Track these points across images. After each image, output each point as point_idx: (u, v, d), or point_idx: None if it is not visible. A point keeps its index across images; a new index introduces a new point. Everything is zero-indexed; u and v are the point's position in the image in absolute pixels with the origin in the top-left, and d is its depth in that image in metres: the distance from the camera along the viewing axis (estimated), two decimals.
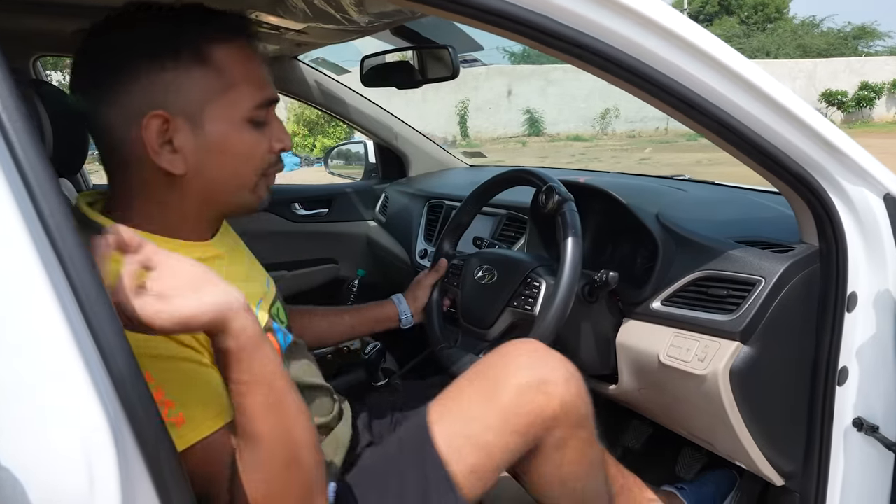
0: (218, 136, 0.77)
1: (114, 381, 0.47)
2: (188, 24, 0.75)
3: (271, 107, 0.83)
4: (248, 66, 0.79)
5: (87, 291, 0.46)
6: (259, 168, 0.82)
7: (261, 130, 0.81)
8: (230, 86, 0.77)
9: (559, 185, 1.09)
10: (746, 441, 1.07)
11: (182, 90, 0.74)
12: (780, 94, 0.88)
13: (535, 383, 0.88)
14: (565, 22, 0.76)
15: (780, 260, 1.02)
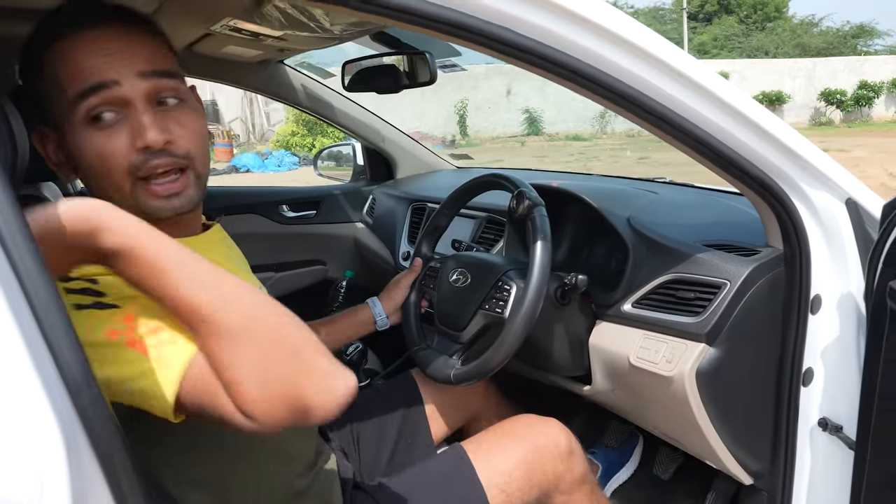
0: (70, 145, 0.75)
1: (69, 390, 0.49)
2: (29, 42, 0.76)
3: (108, 96, 0.72)
4: (68, 61, 0.72)
5: (42, 301, 0.48)
6: (123, 171, 0.73)
7: (111, 131, 0.73)
8: (57, 90, 0.73)
9: (530, 190, 1.11)
10: (714, 441, 1.09)
11: (41, 102, 0.76)
12: (740, 102, 0.90)
13: (554, 449, 1.07)
14: (523, 32, 0.78)
15: (745, 263, 1.04)
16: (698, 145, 0.91)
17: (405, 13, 0.72)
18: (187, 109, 0.79)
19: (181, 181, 0.77)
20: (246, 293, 0.63)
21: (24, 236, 0.49)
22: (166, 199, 0.76)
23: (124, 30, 0.75)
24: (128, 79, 0.73)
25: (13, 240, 0.48)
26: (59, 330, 0.49)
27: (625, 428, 1.60)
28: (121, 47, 0.73)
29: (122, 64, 0.73)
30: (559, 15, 0.79)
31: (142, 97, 0.74)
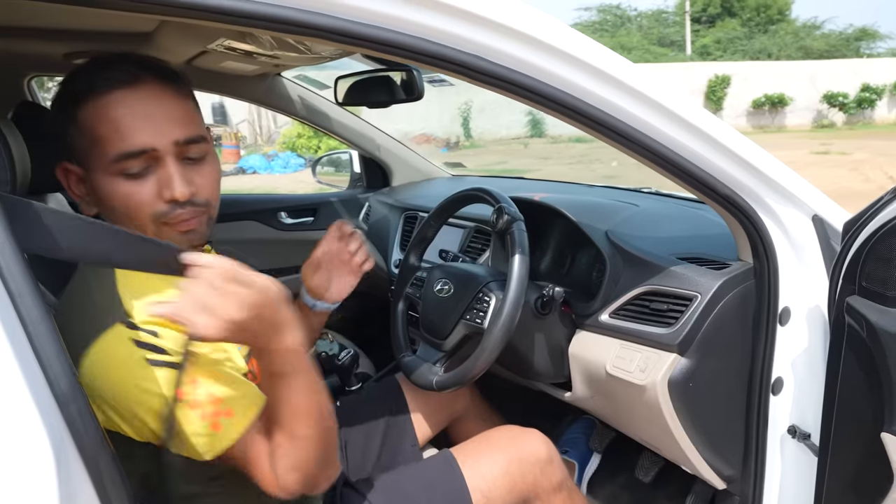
0: (96, 187, 0.81)
1: (58, 401, 0.54)
2: (66, 89, 0.81)
3: (147, 157, 0.79)
4: (109, 120, 0.78)
5: (32, 317, 0.53)
6: (148, 217, 0.81)
7: (141, 181, 0.80)
8: (93, 142, 0.79)
9: (509, 205, 1.15)
10: (687, 447, 1.13)
11: (72, 146, 0.82)
12: (704, 122, 0.94)
13: (534, 459, 1.12)
14: (487, 57, 0.82)
15: (716, 276, 1.08)
16: (665, 163, 0.95)
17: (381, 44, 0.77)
18: (208, 160, 0.86)
19: (197, 221, 0.84)
20: (326, 406, 0.79)
21: (16, 257, 0.54)
22: (184, 234, 0.83)
23: (161, 89, 0.80)
24: (163, 145, 0.79)
25: (5, 260, 0.53)
26: (49, 345, 0.54)
27: (608, 432, 1.64)
28: (159, 113, 0.80)
29: (162, 131, 0.79)
30: (536, 46, 0.83)
31: (173, 156, 0.81)
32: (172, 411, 0.73)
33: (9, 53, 1.57)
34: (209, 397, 0.76)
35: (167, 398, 0.74)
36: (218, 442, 0.76)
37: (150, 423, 0.75)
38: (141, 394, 0.74)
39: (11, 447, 0.52)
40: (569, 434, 1.70)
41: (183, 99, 0.83)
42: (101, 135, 0.78)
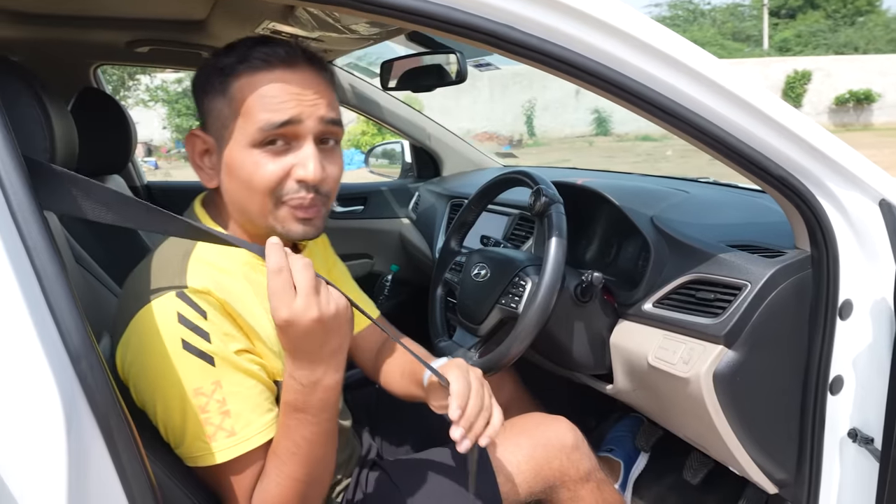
0: (229, 157, 0.83)
1: (70, 356, 0.55)
2: (224, 59, 0.83)
3: (290, 130, 0.81)
4: (261, 93, 0.80)
5: (48, 274, 0.55)
6: (270, 192, 0.81)
7: (276, 156, 0.81)
8: (239, 113, 0.81)
9: (548, 188, 1.11)
10: (735, 447, 1.06)
11: (211, 115, 0.84)
12: (760, 100, 0.87)
13: (559, 445, 1.09)
14: (534, 33, 0.79)
15: (768, 265, 1.01)
16: (714, 142, 0.89)
17: (409, 13, 0.75)
18: (336, 153, 0.88)
19: (317, 210, 0.85)
20: (330, 462, 0.82)
21: (35, 214, 0.56)
22: (302, 222, 0.84)
23: (313, 75, 0.83)
24: (311, 120, 0.82)
25: (26, 222, 0.55)
26: (63, 300, 0.55)
27: (655, 430, 1.57)
28: (311, 91, 0.82)
29: (310, 107, 0.81)
30: (572, 16, 0.80)
31: (314, 136, 0.82)
32: (185, 403, 0.75)
33: (77, 42, 1.66)
34: (220, 406, 0.76)
35: (185, 390, 0.75)
36: (206, 455, 0.76)
37: (157, 409, 0.77)
38: (164, 382, 0.75)
39: (24, 399, 0.53)
40: (614, 432, 1.64)
41: (330, 85, 0.86)
42: (251, 105, 0.80)
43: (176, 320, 0.75)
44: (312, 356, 0.73)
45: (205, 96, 0.85)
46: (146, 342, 0.76)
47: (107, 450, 0.57)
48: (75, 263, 1.03)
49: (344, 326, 0.74)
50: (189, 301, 0.77)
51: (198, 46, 1.66)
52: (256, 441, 0.78)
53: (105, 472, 0.58)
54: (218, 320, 0.78)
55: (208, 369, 0.76)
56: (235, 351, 0.79)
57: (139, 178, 2.13)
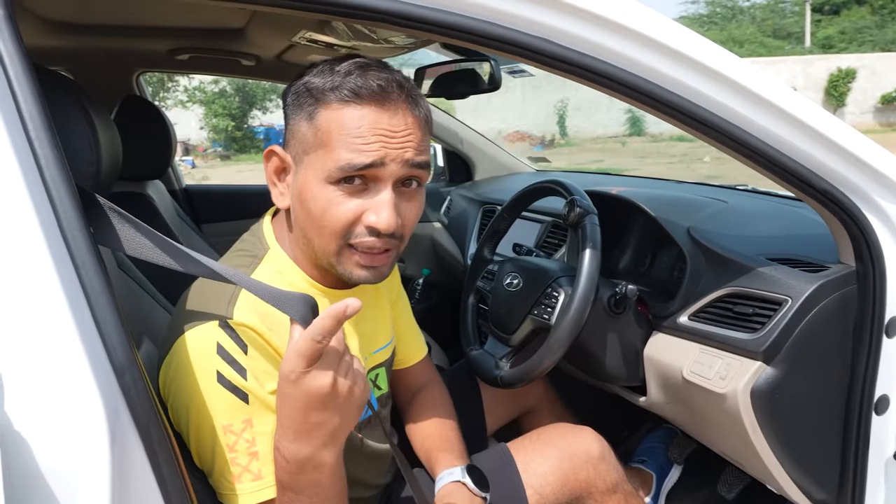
0: (303, 185, 0.78)
1: (114, 370, 0.57)
2: (314, 82, 0.77)
3: (371, 171, 0.75)
4: (348, 129, 0.75)
5: (95, 289, 0.56)
6: (338, 233, 0.77)
7: (351, 197, 0.76)
8: (323, 144, 0.76)
9: (582, 198, 1.10)
10: (773, 465, 1.04)
11: (294, 137, 0.80)
12: (801, 110, 0.85)
13: (586, 456, 1.07)
14: (568, 45, 0.78)
15: (810, 280, 0.98)
16: (754, 154, 0.87)
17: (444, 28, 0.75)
18: (418, 194, 0.82)
19: (385, 257, 0.80)
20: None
21: (83, 233, 0.57)
22: (366, 269, 0.80)
23: (408, 114, 0.77)
24: (395, 163, 0.76)
25: (73, 235, 0.56)
26: (108, 314, 0.57)
27: (689, 443, 1.54)
28: (400, 133, 0.76)
29: (397, 150, 0.75)
30: (601, 26, 0.79)
31: (394, 180, 0.77)
32: (214, 438, 0.73)
33: (120, 50, 1.70)
34: (249, 447, 0.73)
35: (214, 425, 0.73)
36: (230, 496, 0.74)
37: (190, 437, 0.76)
38: (196, 412, 0.74)
39: (71, 410, 0.55)
40: (646, 443, 1.61)
41: (422, 124, 0.80)
42: (335, 140, 0.75)
43: (214, 351, 0.73)
44: (306, 429, 0.66)
45: (291, 115, 0.81)
46: (183, 369, 0.74)
47: (148, 462, 0.58)
48: (117, 269, 1.05)
49: (353, 409, 0.68)
50: (232, 333, 0.74)
51: (236, 54, 1.69)
52: (274, 492, 0.74)
53: (146, 484, 0.60)
54: (258, 357, 0.75)
55: (240, 406, 0.73)
56: (271, 391, 0.75)
57: (178, 182, 2.18)
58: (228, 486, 0.74)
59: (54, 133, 0.59)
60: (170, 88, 12.47)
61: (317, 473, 0.69)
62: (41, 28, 1.47)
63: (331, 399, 0.64)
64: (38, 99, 0.59)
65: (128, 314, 1.03)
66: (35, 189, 0.56)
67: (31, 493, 0.54)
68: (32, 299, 0.54)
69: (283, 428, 0.68)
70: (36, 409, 0.54)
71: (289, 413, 0.66)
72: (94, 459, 0.55)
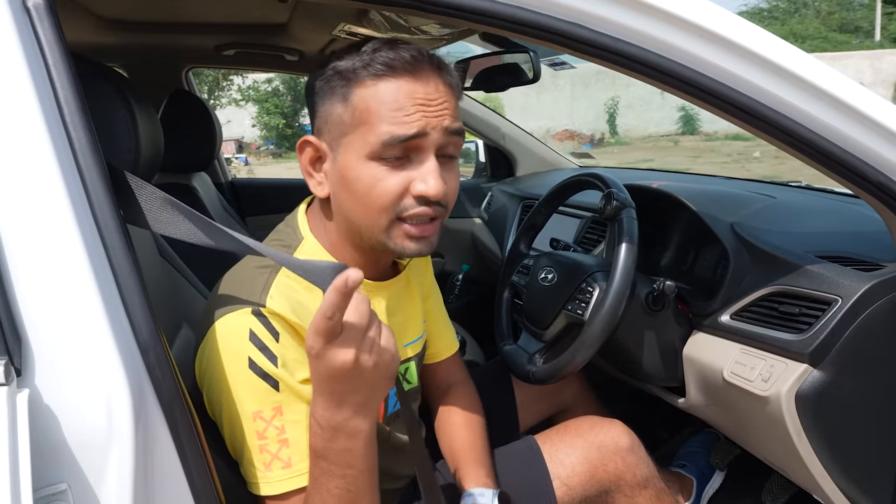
0: (345, 168, 0.78)
1: (140, 348, 0.58)
2: (343, 64, 0.78)
3: (413, 143, 0.76)
4: (386, 103, 0.75)
5: (123, 269, 0.58)
6: (387, 207, 0.77)
7: (394, 169, 0.77)
8: (361, 122, 0.76)
9: (620, 191, 1.07)
10: (819, 474, 0.99)
11: (328, 122, 0.80)
12: (851, 95, 0.80)
13: (614, 448, 1.04)
14: (615, 34, 0.76)
15: (863, 279, 0.92)
16: (803, 145, 0.83)
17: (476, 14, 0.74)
18: (455, 162, 0.83)
19: (433, 227, 0.80)
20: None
21: (114, 214, 0.59)
22: (416, 240, 0.79)
23: (440, 82, 0.78)
24: (435, 132, 0.77)
25: (103, 217, 0.58)
26: (135, 295, 0.58)
27: (733, 448, 1.48)
28: (437, 101, 0.77)
29: (436, 119, 0.76)
30: (647, 13, 0.76)
31: (435, 149, 0.78)
32: (245, 424, 0.73)
33: (169, 47, 1.76)
34: (279, 434, 0.73)
35: (246, 410, 0.73)
36: (260, 484, 0.74)
37: (223, 423, 0.77)
38: (228, 397, 0.74)
39: (96, 386, 0.57)
40: (687, 447, 1.56)
41: (455, 92, 0.81)
42: (374, 115, 0.75)
43: (246, 337, 0.74)
44: (337, 398, 0.65)
45: (322, 101, 0.80)
46: (215, 355, 0.74)
47: (171, 438, 0.60)
48: (159, 256, 1.09)
49: (380, 381, 0.66)
50: (264, 321, 0.75)
51: (280, 49, 1.72)
52: (305, 480, 0.74)
53: (169, 460, 0.61)
54: (290, 345, 0.75)
55: (271, 393, 0.73)
56: (302, 380, 0.75)
57: (224, 175, 2.24)
58: (258, 473, 0.74)
59: (89, 118, 0.61)
60: (224, 87, 12.83)
61: (350, 442, 0.68)
62: (97, 25, 1.54)
63: (355, 374, 0.63)
64: (74, 84, 0.60)
65: (168, 301, 1.06)
66: (68, 171, 0.58)
67: (58, 464, 0.55)
68: (62, 278, 0.56)
69: (315, 395, 0.67)
70: (64, 384, 0.56)
71: (317, 384, 0.66)
72: (120, 434, 0.56)
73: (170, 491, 0.61)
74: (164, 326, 0.99)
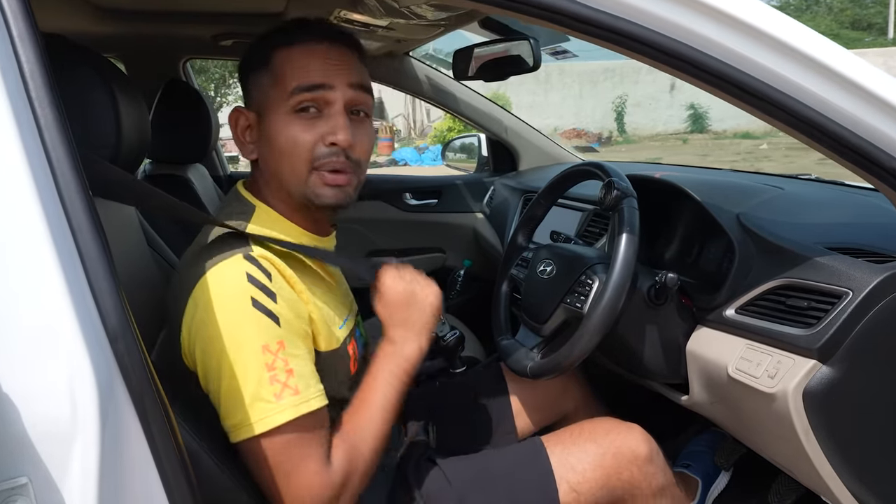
0: (269, 128, 0.88)
1: (108, 335, 0.55)
2: (268, 37, 0.90)
3: (319, 96, 0.86)
4: (297, 62, 0.86)
5: (90, 250, 0.55)
6: (305, 157, 0.86)
7: (310, 122, 0.86)
8: (278, 81, 0.86)
9: (621, 180, 1.03)
10: (827, 475, 0.95)
11: (255, 89, 0.90)
12: (863, 76, 0.76)
13: (631, 456, 1.03)
14: (633, 20, 0.73)
15: (874, 271, 0.88)
16: (813, 129, 0.79)
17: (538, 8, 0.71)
18: (367, 123, 0.92)
19: (347, 178, 0.89)
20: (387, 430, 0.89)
21: (81, 195, 0.56)
22: (332, 188, 0.88)
23: (345, 48, 0.89)
24: (340, 86, 0.87)
25: (70, 197, 0.55)
26: (104, 280, 0.55)
27: (738, 448, 1.44)
28: (340, 61, 0.88)
29: (339, 73, 0.87)
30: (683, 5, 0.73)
31: (344, 103, 0.87)
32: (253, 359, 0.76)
33: (166, 37, 1.74)
34: (285, 365, 0.78)
35: (255, 346, 0.76)
36: (275, 415, 0.76)
37: (222, 371, 0.77)
38: (232, 338, 0.77)
39: (61, 374, 0.54)
40: (692, 446, 1.52)
41: (359, 57, 0.92)
42: (287, 72, 0.86)
43: (245, 279, 0.79)
44: (400, 322, 0.92)
45: (250, 72, 0.91)
46: (217, 300, 0.78)
47: (141, 429, 0.57)
48: (146, 246, 1.06)
49: (425, 309, 0.94)
50: (256, 263, 0.81)
51: None
52: (317, 403, 0.80)
53: (139, 451, 0.58)
54: (281, 284, 0.82)
55: (274, 328, 0.78)
56: (296, 315, 0.82)
57: (223, 168, 2.21)
58: (268, 406, 0.76)
59: (57, 94, 0.58)
60: (231, 85, 12.85)
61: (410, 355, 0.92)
62: (93, 14, 1.51)
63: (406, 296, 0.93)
64: (41, 58, 0.57)
65: (155, 290, 1.04)
66: (32, 149, 0.55)
67: (18, 457, 0.53)
68: (23, 259, 0.53)
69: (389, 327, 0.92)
70: (24, 372, 0.53)
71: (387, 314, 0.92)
72: (84, 424, 0.53)
73: (140, 484, 0.58)
74: (149, 315, 0.97)
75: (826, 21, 23.69)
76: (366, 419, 0.87)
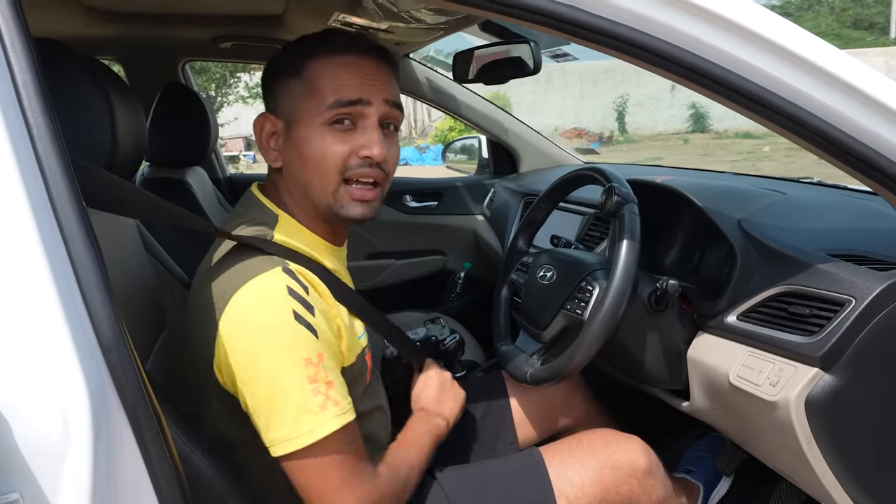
0: (300, 137, 0.88)
1: (101, 346, 0.55)
2: (302, 45, 0.90)
3: (356, 110, 0.87)
4: (334, 74, 0.86)
5: (83, 261, 0.54)
6: (337, 168, 0.87)
7: (343, 135, 0.87)
8: (313, 93, 0.86)
9: (621, 186, 1.03)
10: (830, 484, 0.94)
11: (285, 97, 0.89)
12: (866, 82, 0.75)
13: (630, 469, 1.02)
14: (631, 24, 0.72)
15: (878, 278, 0.87)
16: (815, 136, 0.78)
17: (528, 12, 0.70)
18: (396, 137, 0.95)
19: (375, 192, 0.91)
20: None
21: (74, 205, 0.55)
22: (360, 202, 0.89)
23: (381, 62, 0.91)
24: (377, 102, 0.88)
25: (62, 206, 0.54)
26: (97, 290, 0.54)
27: (739, 454, 1.43)
28: (377, 76, 0.89)
29: (376, 89, 0.88)
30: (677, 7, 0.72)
31: (378, 118, 0.89)
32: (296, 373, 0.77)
33: (165, 39, 1.73)
34: (326, 377, 0.79)
35: (298, 360, 0.77)
36: (321, 426, 0.77)
37: (261, 384, 0.77)
38: (276, 352, 0.77)
39: (53, 387, 0.53)
40: (693, 451, 1.51)
41: (394, 75, 0.93)
42: (324, 85, 0.86)
43: (286, 293, 0.79)
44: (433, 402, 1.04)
45: (278, 79, 0.90)
46: (259, 315, 0.78)
47: (135, 443, 0.56)
48: (143, 252, 1.05)
49: (458, 399, 1.07)
50: (294, 276, 0.81)
51: (276, 41, 1.69)
52: (352, 415, 0.82)
53: (133, 466, 0.57)
54: (316, 297, 0.83)
55: (314, 341, 0.79)
56: (330, 329, 0.84)
57: (222, 171, 2.20)
58: (314, 417, 0.77)
59: (49, 102, 0.57)
60: (232, 85, 12.83)
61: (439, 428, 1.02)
62: (89, 17, 1.51)
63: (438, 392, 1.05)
64: (34, 67, 0.57)
65: (151, 297, 1.03)
66: (24, 157, 0.54)
67: (9, 473, 0.52)
68: (14, 270, 0.52)
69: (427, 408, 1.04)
70: (15, 385, 0.52)
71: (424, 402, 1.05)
72: (77, 439, 0.52)
73: (133, 498, 0.57)
74: (145, 324, 0.96)
75: (828, 20, 23.65)
76: (403, 453, 0.92)
